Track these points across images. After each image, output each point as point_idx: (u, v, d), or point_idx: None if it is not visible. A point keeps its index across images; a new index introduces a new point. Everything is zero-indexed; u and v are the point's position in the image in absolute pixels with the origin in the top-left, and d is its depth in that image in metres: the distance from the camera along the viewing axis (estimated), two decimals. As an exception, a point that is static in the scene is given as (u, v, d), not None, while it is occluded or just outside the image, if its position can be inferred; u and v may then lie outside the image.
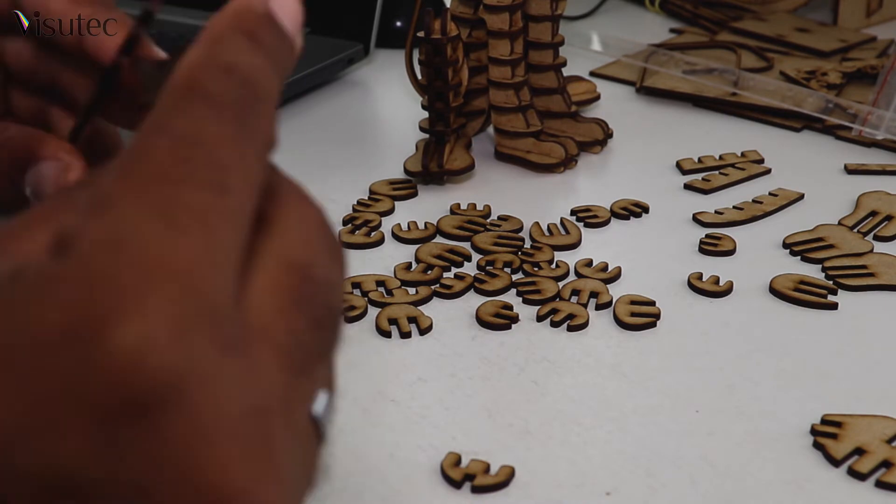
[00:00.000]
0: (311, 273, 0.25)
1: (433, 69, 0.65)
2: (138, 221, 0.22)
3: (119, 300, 0.21)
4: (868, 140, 0.74)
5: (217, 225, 0.23)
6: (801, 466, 0.44)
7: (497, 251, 0.60)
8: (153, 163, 0.23)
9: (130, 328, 0.21)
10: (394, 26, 0.91)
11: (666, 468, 0.44)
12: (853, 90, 0.81)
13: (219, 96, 0.25)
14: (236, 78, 0.25)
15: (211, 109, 0.24)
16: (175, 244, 0.22)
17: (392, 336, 0.53)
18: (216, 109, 0.24)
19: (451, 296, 0.56)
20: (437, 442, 0.45)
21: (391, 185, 0.68)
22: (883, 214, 0.64)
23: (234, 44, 0.26)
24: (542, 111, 0.71)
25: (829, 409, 0.47)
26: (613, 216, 0.65)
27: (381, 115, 0.84)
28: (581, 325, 0.53)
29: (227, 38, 0.26)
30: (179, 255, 0.22)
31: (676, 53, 0.86)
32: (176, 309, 0.21)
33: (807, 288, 0.56)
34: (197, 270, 0.22)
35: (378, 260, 0.60)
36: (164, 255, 0.22)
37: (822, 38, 0.93)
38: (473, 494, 0.43)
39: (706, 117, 0.79)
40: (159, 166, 0.23)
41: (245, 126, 0.25)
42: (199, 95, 0.24)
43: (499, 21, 0.67)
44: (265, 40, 0.26)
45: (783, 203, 0.66)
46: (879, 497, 0.43)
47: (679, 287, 0.57)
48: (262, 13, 0.27)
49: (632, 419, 0.47)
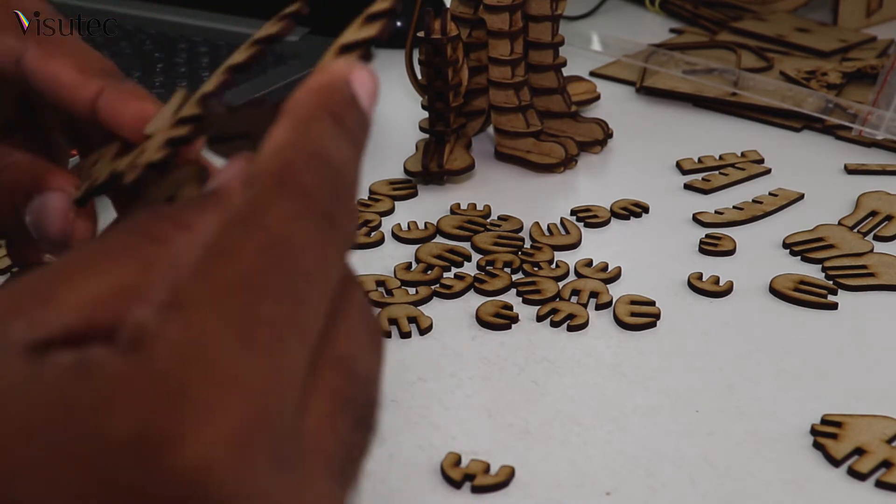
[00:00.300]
0: (356, 369, 0.25)
1: (433, 69, 0.65)
2: (216, 333, 0.21)
3: (187, 415, 0.21)
4: (868, 140, 0.74)
5: (290, 341, 0.22)
6: (801, 466, 0.44)
7: (497, 251, 0.60)
8: (237, 266, 0.22)
9: (196, 445, 0.21)
10: (394, 26, 0.91)
11: (666, 468, 0.44)
12: (853, 90, 0.81)
13: (311, 191, 0.24)
14: (328, 170, 0.24)
15: (302, 206, 0.23)
16: (248, 362, 0.21)
17: (392, 336, 0.53)
18: (307, 206, 0.23)
19: (451, 296, 0.56)
20: (437, 442, 0.45)
21: (391, 185, 0.68)
22: (883, 214, 0.64)
23: (324, 129, 0.25)
24: (542, 111, 0.71)
25: (829, 409, 0.47)
26: (613, 216, 0.65)
27: (381, 115, 0.84)
28: (581, 325, 0.53)
29: (315, 122, 0.25)
30: (251, 374, 0.21)
31: (676, 53, 0.86)
32: (241, 429, 0.21)
33: (807, 288, 0.56)
34: (265, 390, 0.22)
35: (378, 260, 0.60)
36: (237, 373, 0.21)
37: (822, 38, 0.93)
38: (473, 494, 0.43)
39: (706, 117, 0.79)
40: (243, 271, 0.22)
41: (332, 223, 0.24)
42: (290, 189, 0.23)
43: (499, 21, 0.67)
44: (350, 124, 0.25)
45: (783, 203, 0.66)
46: (879, 497, 0.43)
47: (679, 287, 0.57)
48: (348, 94, 0.26)
49: (632, 419, 0.47)
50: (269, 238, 0.23)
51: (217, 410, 0.21)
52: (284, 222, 0.23)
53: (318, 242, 0.23)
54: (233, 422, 0.21)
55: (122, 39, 0.87)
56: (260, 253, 0.23)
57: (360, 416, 0.25)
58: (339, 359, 0.24)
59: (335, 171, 0.24)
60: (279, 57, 0.82)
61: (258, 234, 0.23)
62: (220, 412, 0.21)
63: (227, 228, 0.23)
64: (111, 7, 0.93)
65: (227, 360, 0.21)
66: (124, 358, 0.21)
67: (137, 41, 0.87)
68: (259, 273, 0.22)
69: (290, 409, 0.22)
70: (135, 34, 0.88)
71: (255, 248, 0.23)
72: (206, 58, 0.83)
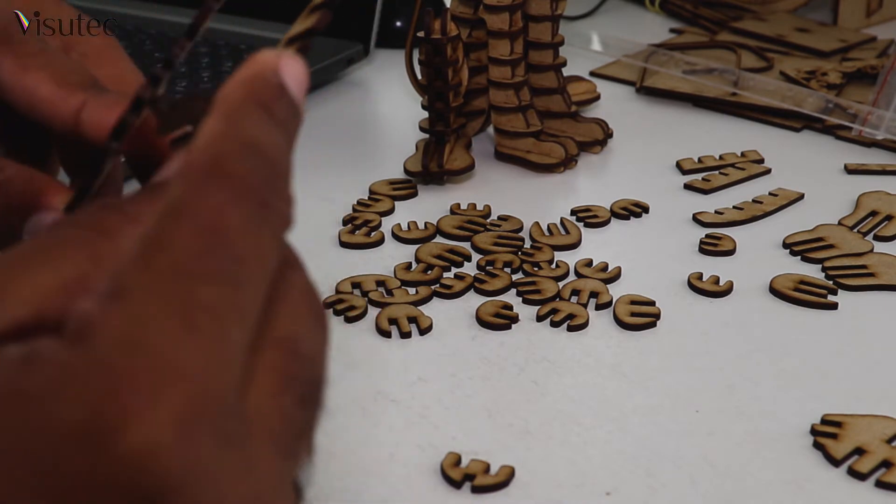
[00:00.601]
0: (299, 348, 0.25)
1: (433, 69, 0.65)
2: (156, 320, 0.22)
3: (132, 401, 0.21)
4: (868, 140, 0.74)
5: (229, 322, 0.23)
6: (801, 466, 0.44)
7: (497, 251, 0.60)
8: (174, 254, 0.23)
9: (141, 430, 0.21)
10: (394, 26, 0.91)
11: (666, 468, 0.44)
12: (853, 90, 0.81)
13: (242, 178, 0.24)
14: (258, 157, 0.25)
15: (233, 193, 0.24)
16: (188, 346, 0.22)
17: (392, 336, 0.53)
18: (239, 193, 0.24)
19: (451, 296, 0.56)
20: (437, 442, 0.45)
21: (391, 185, 0.68)
22: (883, 214, 0.64)
23: (253, 118, 0.25)
24: (542, 111, 0.71)
25: (829, 409, 0.47)
26: (613, 216, 0.65)
27: (381, 115, 0.84)
28: (581, 325, 0.53)
29: (245, 112, 0.25)
30: (192, 358, 0.22)
31: (676, 53, 0.87)
32: (184, 411, 0.22)
33: (807, 288, 0.56)
34: (207, 372, 0.22)
35: (378, 260, 0.60)
36: (178, 358, 0.22)
37: (822, 38, 0.93)
38: (473, 494, 0.43)
39: (706, 117, 0.79)
40: (180, 258, 0.23)
41: (265, 208, 0.24)
42: (221, 177, 0.24)
43: (499, 21, 0.67)
44: (280, 113, 0.26)
45: (783, 203, 0.66)
46: (879, 497, 0.43)
47: (679, 287, 0.57)
48: (276, 83, 0.26)
49: (632, 419, 0.47)
50: (203, 225, 0.23)
51: (160, 395, 0.22)
52: (218, 210, 0.24)
53: (253, 228, 0.24)
54: (176, 405, 0.22)
55: (122, 39, 0.86)
56: (195, 240, 0.23)
57: (305, 393, 0.25)
58: (282, 339, 0.25)
59: (265, 158, 0.25)
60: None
61: (193, 223, 0.23)
62: (163, 397, 0.22)
63: (163, 218, 0.23)
64: (111, 7, 0.93)
65: (168, 345, 0.22)
66: (70, 349, 0.22)
67: (137, 41, 0.87)
68: (195, 259, 0.23)
69: (233, 390, 0.23)
70: (135, 34, 0.88)
71: (191, 235, 0.23)
72: (206, 58, 0.83)
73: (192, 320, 0.22)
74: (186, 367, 0.22)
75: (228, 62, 0.83)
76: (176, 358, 0.22)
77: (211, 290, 0.23)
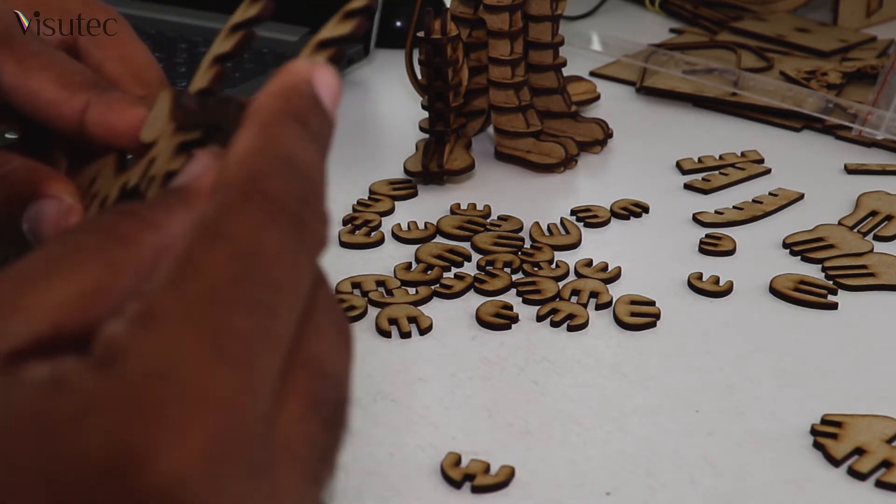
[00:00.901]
0: (324, 367, 0.25)
1: (433, 69, 0.65)
2: (188, 348, 0.22)
3: (161, 432, 0.21)
4: (868, 140, 0.74)
5: (262, 352, 0.22)
6: (801, 466, 0.44)
7: (497, 251, 0.60)
8: (207, 278, 0.22)
9: (169, 462, 0.21)
10: (394, 26, 0.91)
11: (666, 468, 0.44)
12: (853, 90, 0.81)
13: (279, 197, 0.24)
14: (295, 174, 0.24)
15: (270, 214, 0.23)
16: (220, 376, 0.22)
17: (392, 336, 0.53)
18: (276, 214, 0.23)
19: (451, 296, 0.56)
20: (437, 442, 0.45)
21: (391, 185, 0.68)
22: (883, 214, 0.64)
23: (288, 132, 0.25)
24: (542, 111, 0.71)
25: (829, 409, 0.47)
26: (613, 216, 0.65)
27: (381, 115, 0.84)
28: (581, 325, 0.53)
29: (280, 125, 0.25)
30: (222, 388, 0.22)
31: (676, 53, 0.86)
32: (213, 442, 0.21)
33: (807, 288, 0.56)
34: (237, 403, 0.22)
35: (378, 260, 0.60)
36: (209, 387, 0.21)
37: (822, 38, 0.93)
38: (473, 494, 0.43)
39: (706, 117, 0.79)
40: (213, 284, 0.22)
41: (302, 229, 0.24)
42: (259, 196, 0.23)
43: (499, 21, 0.67)
44: (314, 126, 0.25)
45: (783, 203, 0.66)
46: (879, 497, 0.43)
47: (679, 287, 0.57)
48: (310, 95, 0.26)
49: (632, 419, 0.47)
50: (239, 248, 0.23)
51: (190, 426, 0.21)
52: (254, 231, 0.23)
53: (289, 249, 0.23)
54: (205, 436, 0.21)
55: (122, 39, 0.87)
56: (230, 264, 0.22)
57: (330, 415, 0.25)
58: (309, 360, 0.25)
59: (302, 175, 0.24)
60: (279, 56, 0.82)
61: (228, 245, 0.23)
62: (192, 427, 0.21)
63: (197, 239, 0.23)
64: (111, 7, 0.93)
65: (199, 374, 0.21)
66: (97, 374, 0.21)
67: (137, 41, 0.87)
68: (230, 285, 0.22)
69: (262, 419, 0.22)
70: (135, 34, 0.88)
71: (226, 259, 0.23)
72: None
73: (224, 349, 0.22)
74: (217, 398, 0.21)
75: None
76: (207, 387, 0.21)
77: (245, 318, 0.22)
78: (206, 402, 0.21)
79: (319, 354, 0.25)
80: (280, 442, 0.23)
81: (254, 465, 0.22)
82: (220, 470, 0.21)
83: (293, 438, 0.24)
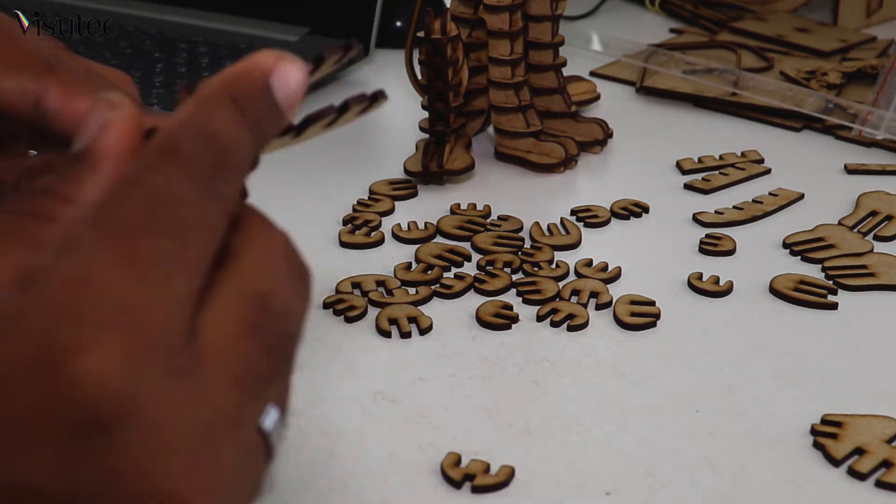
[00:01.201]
0: (269, 303, 0.27)
1: (433, 69, 0.65)
2: (104, 264, 0.24)
3: (81, 334, 0.23)
4: (868, 140, 0.74)
5: (174, 273, 0.25)
6: (801, 466, 0.44)
7: (497, 251, 0.60)
8: (124, 213, 0.25)
9: (90, 359, 0.23)
10: (394, 26, 0.91)
11: (666, 468, 0.44)
12: (853, 90, 0.81)
13: (192, 160, 0.26)
14: (212, 145, 0.27)
15: (183, 171, 0.26)
16: (134, 287, 0.24)
17: (392, 336, 0.53)
18: (188, 172, 0.26)
19: (451, 296, 0.56)
20: (437, 442, 0.45)
21: (391, 185, 0.68)
22: (883, 214, 0.64)
23: (219, 110, 0.27)
24: (542, 111, 0.71)
25: (829, 409, 0.47)
26: (613, 216, 0.65)
27: (381, 115, 0.84)
28: (581, 325, 0.53)
29: (213, 103, 0.27)
30: (137, 297, 0.24)
31: (676, 53, 0.86)
32: (130, 343, 0.24)
33: (807, 288, 0.56)
34: (151, 311, 0.24)
35: (378, 260, 0.60)
36: (124, 296, 0.24)
37: (822, 38, 0.93)
38: (473, 494, 0.43)
39: (706, 117, 0.79)
40: (129, 217, 0.25)
41: (212, 190, 0.26)
42: (174, 156, 0.26)
43: (499, 21, 0.67)
44: (252, 110, 0.28)
45: (783, 203, 0.66)
46: (879, 497, 0.43)
47: (679, 287, 0.57)
48: (260, 83, 0.28)
49: (632, 419, 0.47)
50: (151, 193, 0.25)
51: (109, 329, 0.23)
52: (167, 180, 0.26)
53: (199, 200, 0.26)
54: (124, 339, 0.24)
55: (122, 39, 0.87)
56: (144, 203, 0.25)
57: (272, 343, 0.27)
58: (251, 292, 0.27)
59: (220, 149, 0.27)
60: (279, 57, 0.81)
61: (143, 189, 0.25)
62: (111, 330, 0.23)
63: (115, 188, 0.26)
64: (111, 7, 0.93)
65: (117, 287, 0.24)
66: (21, 293, 0.24)
67: (137, 41, 0.87)
68: (144, 218, 0.25)
69: (180, 332, 0.25)
70: (135, 34, 0.88)
71: (140, 198, 0.25)
72: (206, 58, 0.83)
73: (138, 268, 0.24)
74: (133, 307, 0.24)
75: (227, 62, 0.82)
76: (123, 298, 0.24)
77: (157, 243, 0.25)
78: (124, 310, 0.24)
79: (265, 290, 0.27)
80: (209, 352, 0.25)
81: (173, 367, 0.24)
82: (139, 369, 0.23)
83: (227, 352, 0.26)
